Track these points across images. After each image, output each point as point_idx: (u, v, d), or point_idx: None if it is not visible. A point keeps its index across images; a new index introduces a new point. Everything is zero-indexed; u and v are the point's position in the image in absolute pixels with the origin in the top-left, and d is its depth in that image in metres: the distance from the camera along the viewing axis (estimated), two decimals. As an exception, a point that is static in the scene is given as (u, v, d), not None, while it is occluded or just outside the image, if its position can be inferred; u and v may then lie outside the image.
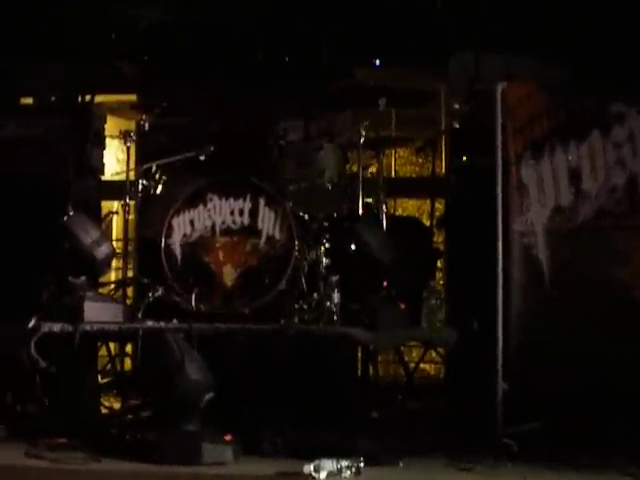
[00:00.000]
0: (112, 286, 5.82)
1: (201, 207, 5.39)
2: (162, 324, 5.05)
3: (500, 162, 4.85)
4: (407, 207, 7.15)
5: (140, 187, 5.62)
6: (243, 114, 6.13)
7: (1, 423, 4.82)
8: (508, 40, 5.94)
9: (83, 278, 5.11)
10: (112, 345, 5.76)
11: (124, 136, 5.81)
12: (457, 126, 6.01)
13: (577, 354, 4.67)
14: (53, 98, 6.09)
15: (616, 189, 4.78)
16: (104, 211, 6.22)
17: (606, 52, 5.56)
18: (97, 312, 5.03)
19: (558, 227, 4.80)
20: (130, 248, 5.81)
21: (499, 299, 4.77)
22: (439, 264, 5.94)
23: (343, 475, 4.08)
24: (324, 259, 5.33)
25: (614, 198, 4.78)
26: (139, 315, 5.17)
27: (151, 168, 5.66)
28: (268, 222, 5.33)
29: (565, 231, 4.80)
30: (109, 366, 5.76)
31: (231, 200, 5.38)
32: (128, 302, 5.54)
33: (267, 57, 6.45)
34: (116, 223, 6.58)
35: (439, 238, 6.03)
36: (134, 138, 5.83)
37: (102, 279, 5.77)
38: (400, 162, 7.20)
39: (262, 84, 6.32)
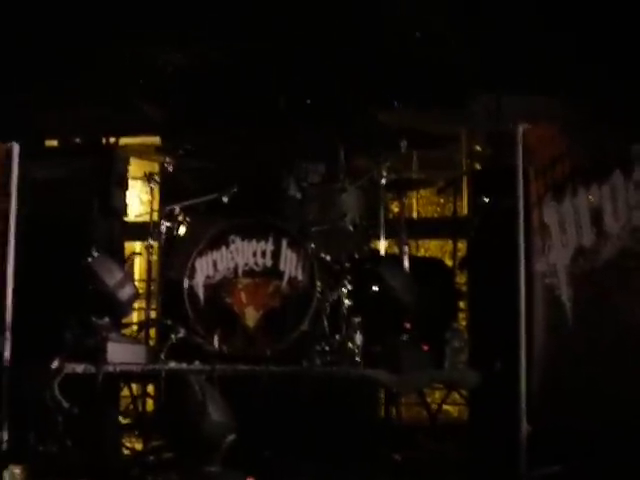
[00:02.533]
0: (135, 327, 5.84)
1: (224, 249, 5.42)
2: (184, 365, 5.06)
3: (522, 203, 4.85)
4: (429, 248, 7.15)
5: (163, 228, 5.66)
6: (266, 156, 6.18)
7: (24, 464, 4.83)
8: (529, 82, 5.97)
9: (106, 319, 5.13)
10: (134, 386, 5.75)
11: (148, 178, 5.86)
12: (479, 167, 6.02)
13: (601, 395, 4.63)
14: (78, 140, 6.16)
15: (638, 230, 4.76)
16: (127, 252, 6.26)
17: (627, 93, 5.57)
18: (120, 353, 5.05)
19: (580, 268, 4.79)
20: (153, 289, 5.83)
21: (522, 340, 4.74)
22: (461, 305, 5.92)
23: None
24: (346, 301, 5.32)
25: (636, 238, 4.76)
26: (162, 356, 5.17)
27: (174, 210, 5.70)
28: (290, 264, 5.35)
29: (587, 271, 4.78)
30: (131, 407, 5.75)
31: (254, 242, 5.40)
32: (151, 343, 5.56)
33: (289, 100, 6.50)
34: (139, 264, 6.62)
35: (461, 279, 6.01)
36: (158, 180, 5.88)
37: (125, 320, 5.79)
38: (422, 203, 7.22)
39: (285, 127, 6.37)
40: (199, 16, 6.47)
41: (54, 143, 6.44)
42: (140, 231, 6.06)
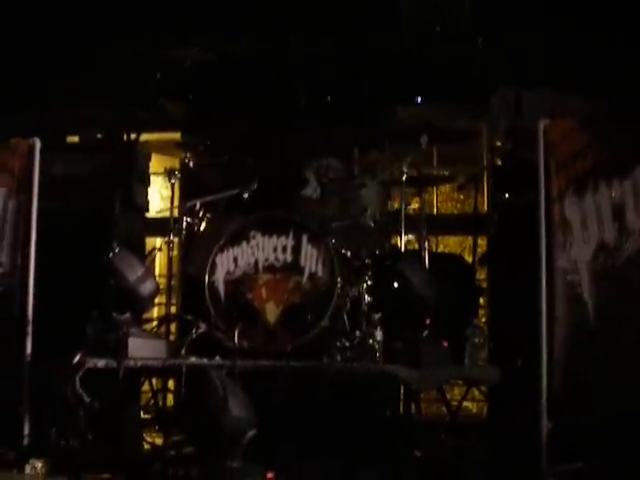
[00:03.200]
0: (155, 322, 5.86)
1: (244, 244, 5.42)
2: (205, 360, 5.07)
3: (543, 199, 4.83)
4: (449, 244, 7.13)
5: (184, 224, 5.68)
6: (286, 152, 6.18)
7: (45, 458, 4.86)
8: (550, 77, 5.95)
9: (127, 314, 5.15)
10: (155, 381, 5.78)
11: (168, 174, 5.88)
12: (499, 163, 6.01)
13: (622, 392, 4.62)
14: (99, 136, 6.19)
15: (661, 226, 4.74)
16: (148, 248, 6.28)
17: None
18: (141, 348, 5.07)
19: (602, 264, 4.76)
20: (174, 284, 5.85)
21: (543, 337, 4.73)
22: (482, 301, 5.91)
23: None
24: (366, 296, 5.33)
25: (659, 235, 4.74)
26: (182, 351, 5.19)
27: (195, 205, 5.71)
28: (311, 259, 5.35)
29: (609, 268, 4.76)
30: (152, 402, 5.77)
31: (274, 237, 5.40)
32: (171, 338, 5.58)
33: (310, 96, 6.51)
34: (160, 260, 6.64)
35: (481, 275, 6.00)
36: (178, 176, 5.90)
37: (146, 315, 5.81)
38: (442, 199, 7.20)
39: (305, 122, 6.37)
40: (220, 11, 6.48)
41: (75, 139, 6.46)
42: (161, 227, 6.09)
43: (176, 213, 5.83)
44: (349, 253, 5.43)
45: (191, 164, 5.96)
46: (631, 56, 5.83)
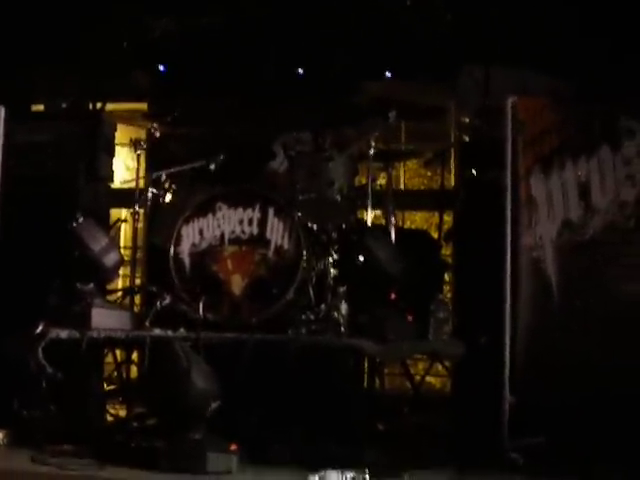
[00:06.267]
0: (120, 293, 5.83)
1: (210, 216, 5.40)
2: (169, 332, 5.06)
3: (509, 176, 4.85)
4: (415, 220, 7.15)
5: (149, 195, 5.64)
6: (254, 124, 6.15)
7: (7, 428, 4.83)
8: (518, 55, 5.95)
9: (91, 285, 5.12)
10: (118, 352, 5.76)
11: (134, 144, 5.83)
12: (467, 139, 6.01)
13: (585, 368, 4.67)
14: (64, 105, 6.12)
15: (626, 204, 4.78)
16: (113, 219, 6.24)
17: (616, 67, 5.57)
18: (104, 319, 5.04)
19: (567, 241, 4.81)
20: (139, 256, 5.82)
21: (507, 313, 4.76)
22: (447, 277, 5.93)
23: (348, 486, 4.08)
24: (332, 270, 5.33)
25: (623, 213, 4.78)
26: (147, 323, 5.17)
27: (161, 176, 5.68)
28: (277, 232, 5.34)
29: (574, 245, 4.80)
30: (115, 373, 5.75)
31: (240, 210, 5.39)
32: (136, 310, 5.55)
33: (279, 69, 6.48)
34: (125, 231, 6.59)
35: (447, 251, 6.02)
36: (144, 146, 5.85)
37: (110, 286, 5.78)
38: (409, 174, 7.21)
39: (274, 95, 6.34)
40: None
41: (40, 108, 6.39)
42: (126, 198, 6.04)
43: (142, 184, 5.78)
44: (315, 226, 5.42)
45: (157, 135, 5.92)
46: (599, 35, 5.85)
